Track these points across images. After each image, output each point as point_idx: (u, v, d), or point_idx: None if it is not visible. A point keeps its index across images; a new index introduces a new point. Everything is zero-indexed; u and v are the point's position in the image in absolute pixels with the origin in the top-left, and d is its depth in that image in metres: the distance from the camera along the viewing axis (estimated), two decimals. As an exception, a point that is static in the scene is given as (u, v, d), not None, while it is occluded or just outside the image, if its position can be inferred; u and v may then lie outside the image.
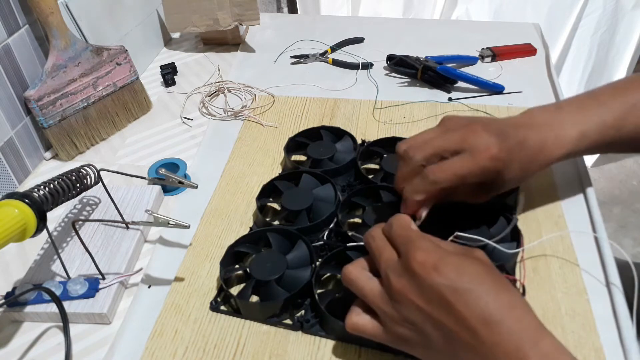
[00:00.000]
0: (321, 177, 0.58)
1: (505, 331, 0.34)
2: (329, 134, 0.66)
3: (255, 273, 0.47)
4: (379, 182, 0.58)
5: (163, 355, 0.45)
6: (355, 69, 0.83)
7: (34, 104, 0.63)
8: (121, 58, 0.72)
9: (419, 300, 0.36)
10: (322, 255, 0.51)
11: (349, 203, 0.56)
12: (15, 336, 0.48)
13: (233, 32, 0.90)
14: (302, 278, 0.47)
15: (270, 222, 0.55)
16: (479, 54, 0.84)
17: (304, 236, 0.51)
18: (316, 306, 0.46)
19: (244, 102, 0.77)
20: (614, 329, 0.44)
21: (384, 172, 0.59)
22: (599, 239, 0.52)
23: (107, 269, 0.51)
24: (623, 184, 1.82)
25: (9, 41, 0.61)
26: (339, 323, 0.43)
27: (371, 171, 0.62)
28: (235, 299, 0.47)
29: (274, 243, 0.51)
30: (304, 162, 0.63)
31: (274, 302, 0.46)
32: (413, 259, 0.37)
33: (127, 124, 0.75)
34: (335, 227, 0.53)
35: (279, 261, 0.48)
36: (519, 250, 0.48)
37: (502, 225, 0.51)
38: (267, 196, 0.58)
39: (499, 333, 0.34)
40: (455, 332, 0.35)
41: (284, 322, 0.46)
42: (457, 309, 0.35)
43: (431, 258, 0.37)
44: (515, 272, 0.49)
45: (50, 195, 0.45)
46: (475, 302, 0.34)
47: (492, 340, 0.34)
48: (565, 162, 0.59)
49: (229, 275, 0.50)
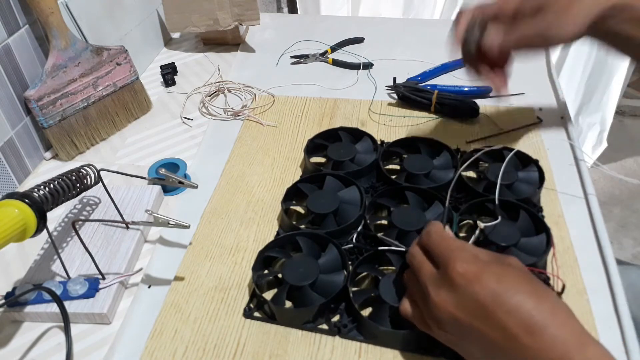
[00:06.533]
0: (345, 179, 0.58)
1: (549, 338, 0.33)
2: (348, 135, 0.65)
3: (289, 278, 0.47)
4: (403, 182, 0.58)
5: (163, 355, 0.45)
6: (355, 69, 0.83)
7: (34, 104, 0.63)
8: (121, 58, 0.72)
9: (459, 312, 0.37)
10: (351, 258, 0.51)
11: (374, 205, 0.56)
12: (16, 336, 0.48)
13: (233, 32, 0.90)
14: (336, 283, 0.47)
15: (296, 225, 0.54)
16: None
17: (334, 240, 0.50)
18: (353, 311, 0.45)
19: (244, 102, 0.77)
20: (614, 329, 0.44)
21: (407, 173, 0.58)
22: (599, 238, 0.52)
23: (107, 269, 0.51)
24: (623, 184, 1.82)
25: (9, 41, 0.61)
26: (378, 328, 0.43)
27: (392, 172, 0.62)
28: (270, 305, 0.46)
29: (304, 247, 0.51)
30: (323, 164, 0.63)
31: (310, 307, 0.46)
32: (453, 270, 0.38)
33: (127, 124, 0.75)
34: (363, 229, 0.53)
35: (312, 266, 0.48)
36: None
37: (525, 220, 0.51)
38: (291, 199, 0.58)
39: (543, 340, 0.33)
40: (497, 342, 0.35)
41: (320, 327, 0.46)
42: (499, 317, 0.35)
43: (472, 269, 0.37)
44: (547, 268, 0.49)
45: (50, 195, 0.45)
46: (517, 310, 0.35)
47: (536, 347, 0.33)
48: (564, 162, 0.59)
49: (261, 281, 0.49)
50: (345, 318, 0.46)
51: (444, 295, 0.38)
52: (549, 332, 0.33)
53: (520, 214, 0.51)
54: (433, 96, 0.71)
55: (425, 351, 0.43)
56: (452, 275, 0.37)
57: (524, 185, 0.56)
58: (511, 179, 0.56)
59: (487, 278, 0.36)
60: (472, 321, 0.36)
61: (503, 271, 0.37)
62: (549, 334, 0.33)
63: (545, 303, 0.35)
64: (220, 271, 0.52)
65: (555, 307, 0.35)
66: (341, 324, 0.46)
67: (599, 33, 0.50)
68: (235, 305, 0.49)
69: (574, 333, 0.34)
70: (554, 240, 0.49)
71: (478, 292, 0.36)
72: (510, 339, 0.34)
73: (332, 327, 0.46)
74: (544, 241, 0.49)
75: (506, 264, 0.39)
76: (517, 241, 0.48)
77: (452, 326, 0.38)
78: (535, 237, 0.50)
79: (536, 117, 0.69)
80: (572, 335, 0.34)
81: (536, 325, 0.34)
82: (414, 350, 0.44)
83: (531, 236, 0.50)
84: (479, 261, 0.38)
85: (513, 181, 0.56)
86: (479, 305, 0.36)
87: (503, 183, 0.54)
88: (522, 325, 0.34)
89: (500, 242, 0.48)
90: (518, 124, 0.67)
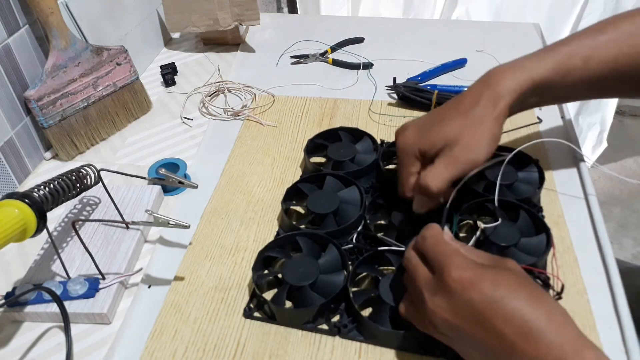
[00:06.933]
0: (345, 179, 0.58)
1: (546, 344, 0.33)
2: (348, 135, 0.65)
3: (289, 278, 0.47)
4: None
5: (163, 355, 0.45)
6: (355, 69, 0.83)
7: (34, 104, 0.63)
8: (121, 58, 0.72)
9: (454, 318, 0.37)
10: (351, 259, 0.50)
11: (374, 205, 0.56)
12: (16, 336, 0.48)
13: (233, 32, 0.90)
14: (336, 283, 0.47)
15: (296, 225, 0.54)
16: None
17: (334, 240, 0.50)
18: (353, 311, 0.46)
19: (244, 102, 0.77)
20: (614, 329, 0.44)
21: None
22: (599, 238, 0.52)
23: (107, 269, 0.51)
24: (623, 184, 1.82)
25: (9, 41, 0.61)
26: (378, 328, 0.43)
27: (392, 172, 0.61)
28: (270, 305, 0.46)
29: (304, 247, 0.51)
30: (323, 163, 0.63)
31: (310, 307, 0.46)
32: (449, 276, 0.37)
33: (127, 124, 0.75)
34: (364, 229, 0.53)
35: (312, 266, 0.48)
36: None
37: (525, 220, 0.51)
38: (291, 199, 0.58)
39: (539, 347, 0.33)
40: (494, 347, 0.35)
41: (320, 327, 0.46)
42: (495, 324, 0.35)
43: (467, 275, 0.37)
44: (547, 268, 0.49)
45: (50, 195, 0.45)
46: (513, 317, 0.34)
47: (533, 353, 0.33)
48: (564, 162, 0.59)
49: (261, 281, 0.49)
50: (345, 318, 0.46)
51: (439, 301, 0.38)
52: (545, 338, 0.33)
53: (520, 214, 0.51)
54: (433, 96, 0.71)
55: (425, 351, 0.43)
56: (447, 281, 0.37)
57: (524, 185, 0.56)
58: (511, 179, 0.56)
59: (482, 284, 0.36)
60: (468, 327, 0.36)
61: (499, 276, 0.37)
62: (545, 339, 0.33)
63: (541, 308, 0.35)
64: (220, 271, 0.52)
65: (551, 311, 0.35)
66: (341, 324, 0.46)
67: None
68: (235, 305, 0.49)
69: (570, 338, 0.34)
70: (554, 240, 0.49)
71: (473, 299, 0.36)
72: (507, 345, 0.34)
73: (332, 327, 0.46)
74: (544, 241, 0.49)
75: (502, 268, 0.38)
76: (517, 241, 0.48)
77: (449, 331, 0.38)
78: (535, 237, 0.50)
79: (536, 117, 0.69)
80: (568, 340, 0.34)
81: (533, 331, 0.34)
82: (414, 351, 0.44)
83: (531, 236, 0.50)
84: (475, 266, 0.38)
85: (513, 181, 0.56)
86: (475, 311, 0.36)
87: (503, 183, 0.54)
88: (519, 332, 0.34)
89: (500, 242, 0.48)
90: (518, 124, 0.67)
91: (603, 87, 0.51)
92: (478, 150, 0.46)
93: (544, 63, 0.47)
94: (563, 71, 0.48)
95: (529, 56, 0.49)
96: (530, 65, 0.48)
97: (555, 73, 0.47)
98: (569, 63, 0.48)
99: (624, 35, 0.48)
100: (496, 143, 0.47)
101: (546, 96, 0.50)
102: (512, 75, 0.47)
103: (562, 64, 0.48)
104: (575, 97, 0.54)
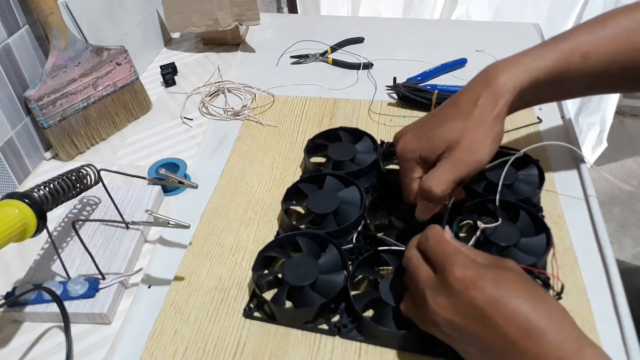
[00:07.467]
0: (345, 179, 0.58)
1: (547, 342, 0.33)
2: (348, 135, 0.65)
3: (289, 278, 0.47)
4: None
5: (163, 355, 0.45)
6: (355, 69, 0.83)
7: (34, 104, 0.63)
8: (121, 58, 0.72)
9: (456, 317, 0.37)
10: (351, 258, 0.50)
11: (374, 205, 0.56)
12: (16, 336, 0.48)
13: (233, 32, 0.90)
14: (336, 283, 0.47)
15: (296, 225, 0.54)
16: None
17: (334, 240, 0.50)
18: (354, 311, 0.45)
19: (244, 102, 0.77)
20: (614, 329, 0.44)
21: None
22: (599, 238, 0.52)
23: (107, 269, 0.51)
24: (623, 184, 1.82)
25: (9, 41, 0.61)
26: (378, 328, 0.43)
27: (392, 172, 0.61)
28: (270, 305, 0.46)
29: (304, 247, 0.51)
30: (323, 163, 0.63)
31: (310, 308, 0.46)
32: (451, 276, 0.37)
33: (127, 124, 0.75)
34: (364, 229, 0.53)
35: (312, 266, 0.48)
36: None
37: (525, 220, 0.51)
38: (291, 199, 0.58)
39: (540, 345, 0.33)
40: (496, 346, 0.35)
41: (320, 327, 0.46)
42: (496, 322, 0.35)
43: (469, 274, 0.37)
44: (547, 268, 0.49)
45: (50, 195, 0.45)
46: (514, 315, 0.35)
47: (533, 352, 0.34)
48: (565, 162, 0.59)
49: (261, 281, 0.49)
50: (345, 318, 0.46)
51: (441, 300, 0.38)
52: (546, 337, 0.34)
53: (520, 214, 0.51)
54: (433, 96, 0.71)
55: (425, 351, 0.43)
56: (449, 280, 0.37)
57: (524, 185, 0.56)
58: (511, 179, 0.56)
59: (484, 283, 0.36)
60: (470, 326, 0.36)
61: (500, 275, 0.37)
62: (546, 338, 0.33)
63: (542, 307, 0.35)
64: (220, 271, 0.52)
65: (552, 310, 0.35)
66: (341, 324, 0.46)
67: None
68: (235, 305, 0.49)
69: (570, 336, 0.34)
70: (554, 240, 0.49)
71: (475, 298, 0.36)
72: (508, 343, 0.34)
73: (332, 327, 0.46)
74: (544, 241, 0.49)
75: (503, 268, 0.38)
76: (517, 241, 0.48)
77: (450, 330, 0.38)
78: (535, 238, 0.50)
79: (536, 117, 0.69)
80: (569, 338, 0.34)
81: (534, 329, 0.34)
82: (414, 351, 0.44)
83: (531, 236, 0.50)
84: (476, 266, 0.38)
85: (513, 181, 0.56)
86: (477, 310, 0.36)
87: (503, 183, 0.54)
88: (520, 330, 0.34)
89: (500, 242, 0.48)
90: (518, 124, 0.67)
91: (602, 83, 0.51)
92: (481, 151, 0.46)
93: (543, 60, 0.47)
94: (562, 68, 0.47)
95: (527, 52, 0.48)
96: (529, 61, 0.47)
97: (554, 70, 0.47)
98: (568, 59, 0.47)
99: (623, 30, 0.48)
100: (498, 143, 0.47)
101: (545, 92, 0.50)
102: (511, 72, 0.47)
103: (562, 61, 0.47)
104: (574, 94, 0.54)
